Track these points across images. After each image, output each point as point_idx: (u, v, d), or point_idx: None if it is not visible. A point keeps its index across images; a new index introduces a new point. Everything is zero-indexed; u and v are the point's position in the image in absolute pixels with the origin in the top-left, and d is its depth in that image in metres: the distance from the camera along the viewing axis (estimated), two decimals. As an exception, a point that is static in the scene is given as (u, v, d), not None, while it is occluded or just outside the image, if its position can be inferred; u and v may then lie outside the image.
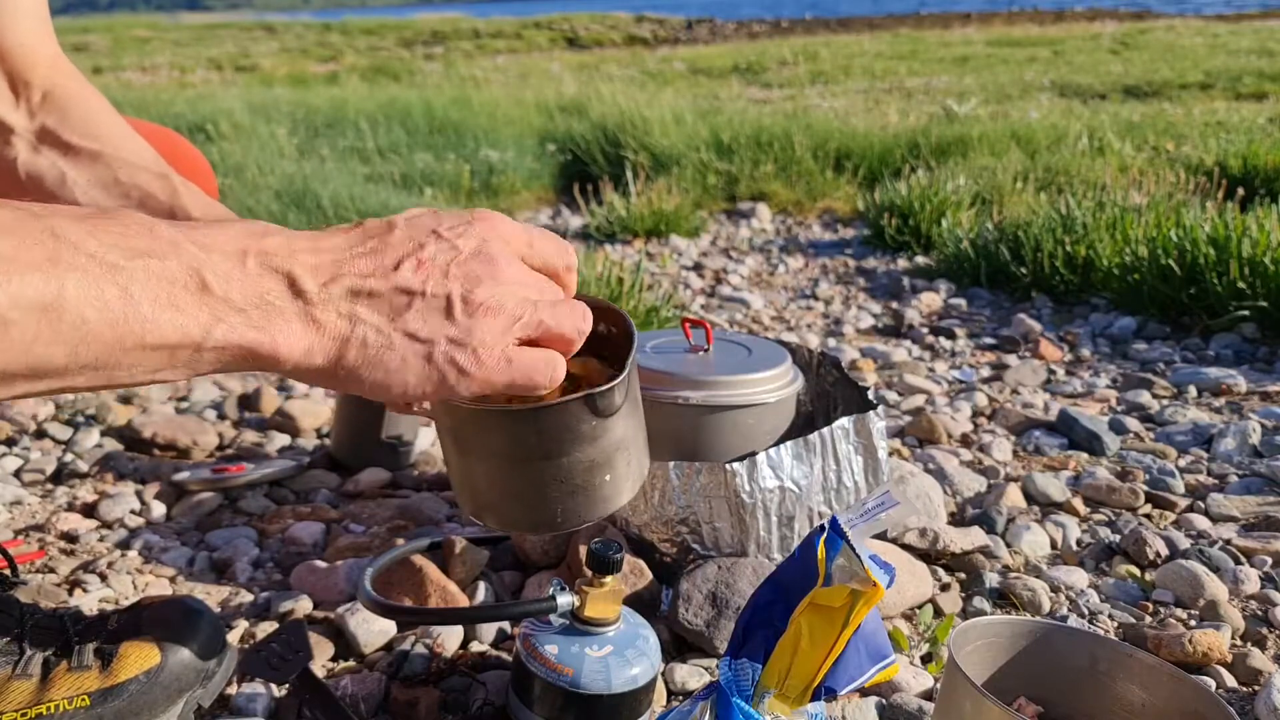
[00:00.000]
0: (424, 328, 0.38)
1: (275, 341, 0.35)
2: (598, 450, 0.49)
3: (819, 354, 0.99)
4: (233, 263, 0.34)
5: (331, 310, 0.36)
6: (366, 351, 0.37)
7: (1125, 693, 0.60)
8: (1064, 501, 1.02)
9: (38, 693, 0.58)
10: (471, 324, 0.39)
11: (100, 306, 0.30)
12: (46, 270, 0.29)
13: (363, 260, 0.37)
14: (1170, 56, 6.96)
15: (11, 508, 1.00)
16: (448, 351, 0.39)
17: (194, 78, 6.96)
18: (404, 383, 0.39)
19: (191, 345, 0.33)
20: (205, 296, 0.33)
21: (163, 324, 0.32)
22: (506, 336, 0.40)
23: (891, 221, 2.36)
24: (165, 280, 0.32)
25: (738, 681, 0.55)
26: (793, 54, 8.31)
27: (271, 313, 0.35)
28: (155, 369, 0.33)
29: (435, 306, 0.38)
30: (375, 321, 0.37)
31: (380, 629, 0.74)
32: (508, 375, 0.40)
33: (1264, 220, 1.64)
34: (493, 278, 0.40)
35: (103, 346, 0.30)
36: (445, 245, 0.39)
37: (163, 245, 0.33)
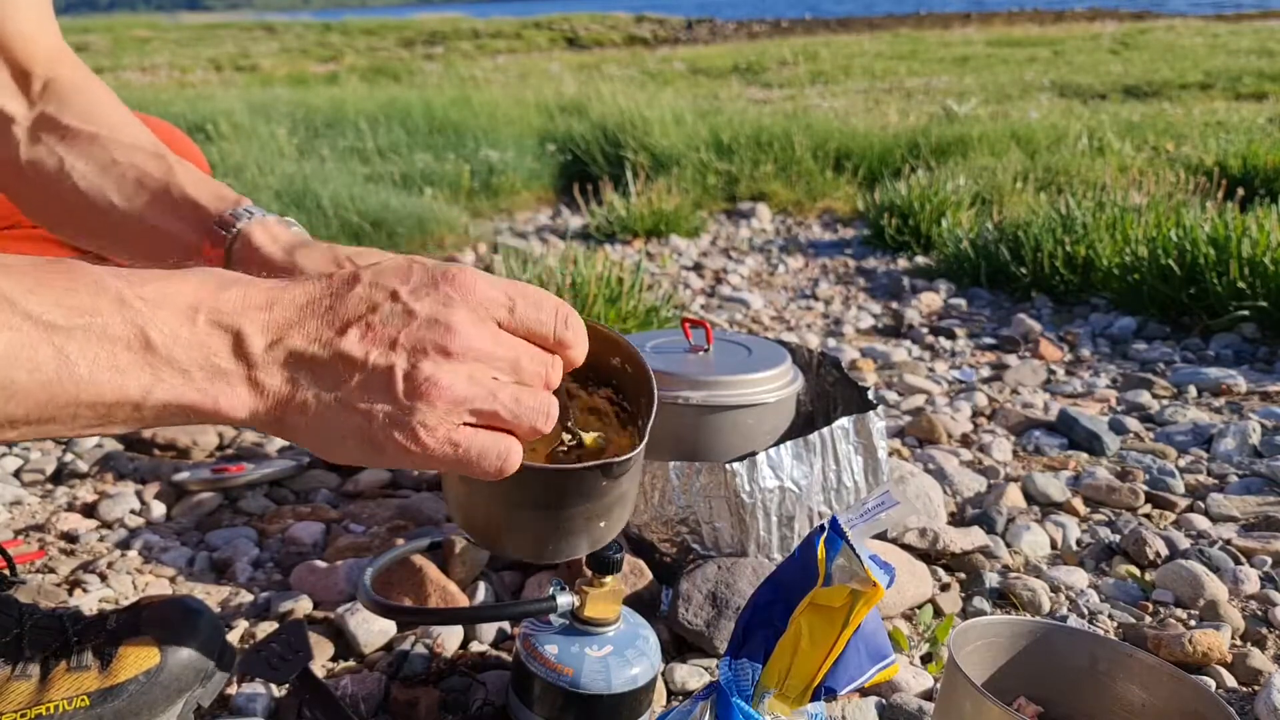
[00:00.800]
0: (361, 401, 0.36)
1: (217, 403, 0.35)
2: (600, 505, 0.49)
3: (819, 354, 0.99)
4: (180, 320, 0.34)
5: (274, 373, 0.36)
6: (305, 415, 0.36)
7: (1125, 693, 0.60)
8: (1064, 501, 1.02)
9: (37, 693, 0.58)
10: (412, 404, 0.36)
11: (31, 368, 0.30)
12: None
13: (313, 322, 0.36)
14: (1170, 56, 6.96)
15: (11, 508, 1.00)
16: (385, 428, 0.37)
17: (194, 78, 6.97)
18: (345, 451, 0.37)
19: (131, 404, 0.33)
20: (148, 355, 0.33)
21: (100, 384, 0.32)
22: (451, 418, 0.37)
23: (891, 221, 2.36)
24: (106, 340, 0.32)
25: (738, 681, 0.55)
26: (793, 54, 8.31)
27: (215, 375, 0.34)
28: (95, 423, 0.33)
29: (375, 379, 0.36)
30: (315, 389, 0.36)
31: (380, 629, 0.74)
32: (452, 457, 0.38)
33: (1264, 220, 1.64)
34: (443, 351, 0.37)
35: (33, 404, 0.31)
36: (399, 310, 0.37)
37: (107, 303, 0.32)
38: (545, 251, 1.85)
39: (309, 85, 6.21)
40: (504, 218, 2.88)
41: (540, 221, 2.85)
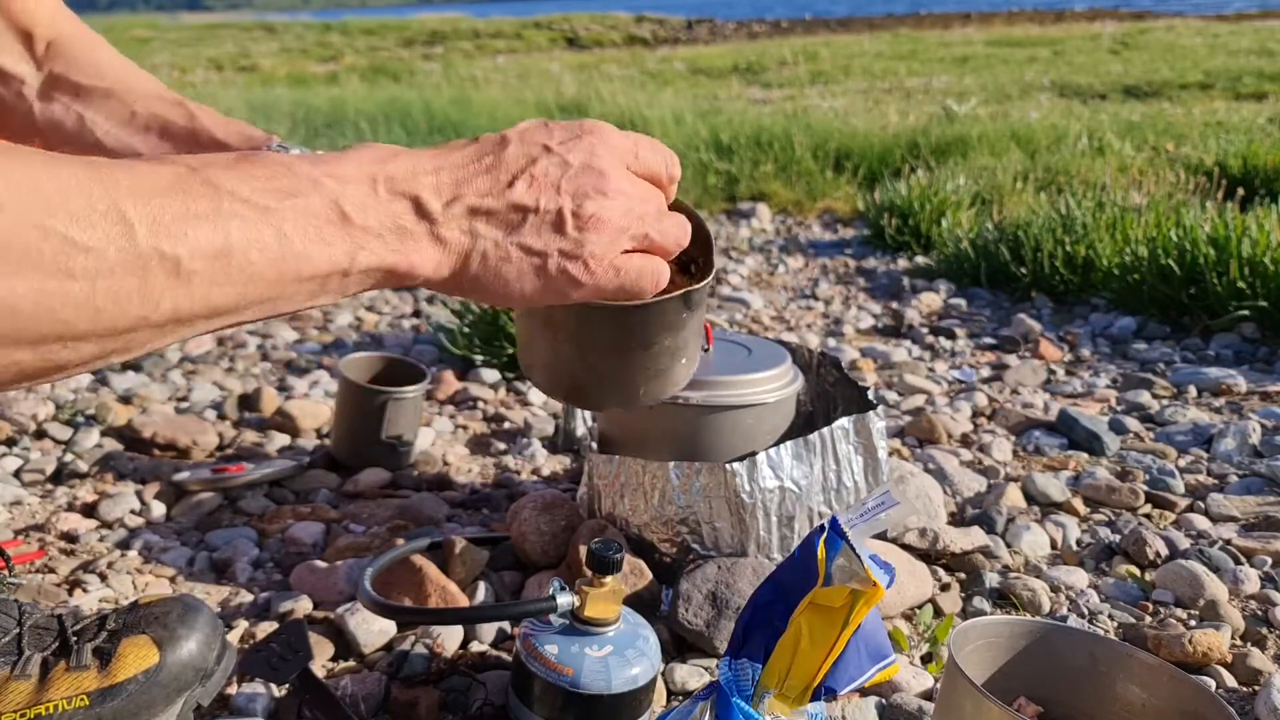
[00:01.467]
0: (538, 241, 0.41)
1: (410, 261, 0.38)
2: (681, 339, 0.55)
3: (819, 354, 0.99)
4: (365, 191, 0.37)
5: (454, 228, 0.39)
6: (486, 264, 0.40)
7: (1125, 693, 0.60)
8: (1064, 501, 1.02)
9: (36, 693, 0.58)
10: (582, 237, 0.41)
11: (262, 248, 0.33)
12: (214, 221, 0.31)
13: (480, 179, 0.40)
14: (1170, 56, 6.96)
15: (11, 508, 1.00)
16: (560, 263, 0.41)
17: (194, 78, 6.96)
18: (520, 290, 0.42)
19: (340, 272, 0.36)
20: (347, 227, 0.36)
21: (315, 257, 0.34)
22: (615, 247, 0.43)
23: (891, 221, 2.35)
24: (311, 216, 0.34)
25: (738, 681, 0.55)
26: (792, 54, 8.31)
27: (404, 235, 0.37)
28: (311, 296, 0.36)
29: (548, 221, 0.41)
30: (493, 236, 0.40)
31: (380, 629, 0.74)
32: (616, 283, 0.43)
33: (1264, 220, 1.64)
34: (601, 191, 0.42)
35: (267, 284, 0.33)
36: (556, 160, 0.41)
37: (304, 184, 0.35)
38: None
39: (309, 85, 6.21)
40: (504, 218, 2.89)
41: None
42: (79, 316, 0.28)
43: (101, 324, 0.29)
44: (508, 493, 1.05)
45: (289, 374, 1.45)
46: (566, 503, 0.87)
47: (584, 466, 0.87)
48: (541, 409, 1.31)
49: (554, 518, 0.85)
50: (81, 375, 0.32)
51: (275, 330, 1.68)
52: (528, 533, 0.84)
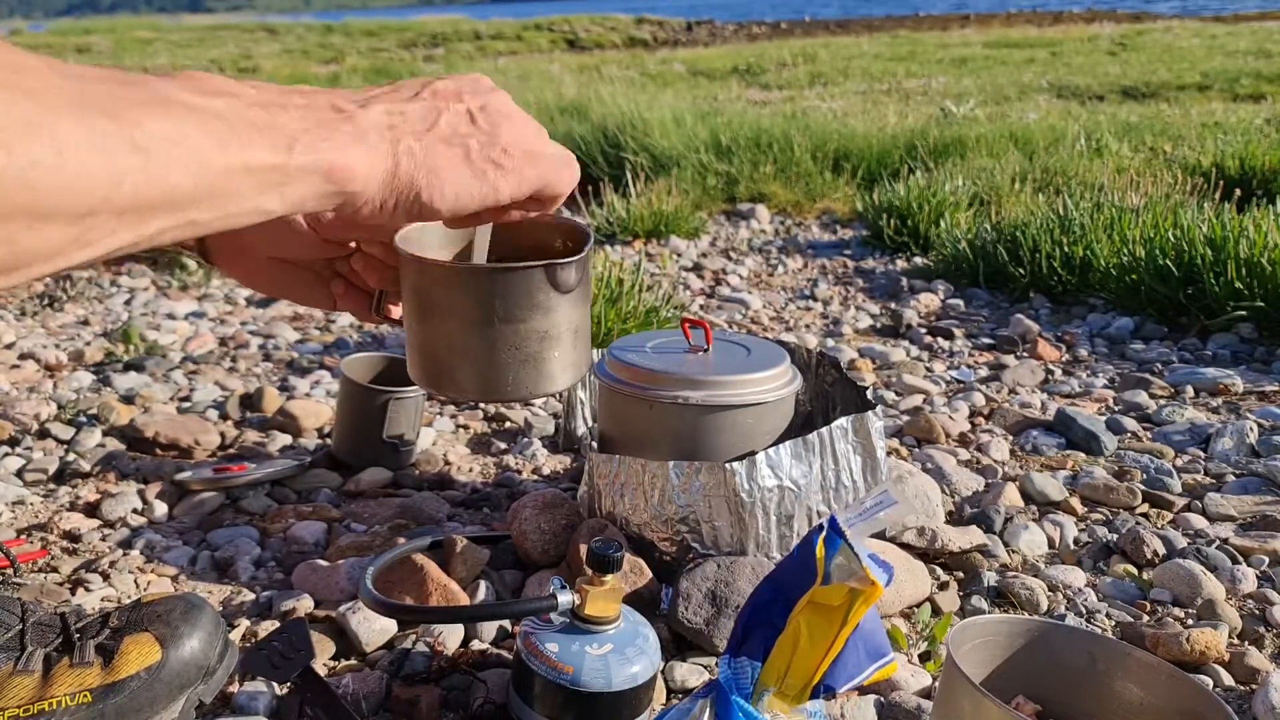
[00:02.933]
0: (454, 135, 0.42)
1: (346, 158, 0.38)
2: (550, 323, 0.54)
3: (818, 354, 0.99)
4: (287, 97, 0.39)
5: (375, 132, 0.40)
6: (416, 160, 0.41)
7: (1123, 691, 0.61)
8: (1062, 501, 1.02)
9: (40, 689, 0.59)
10: (493, 129, 0.44)
11: (210, 134, 0.34)
12: (167, 110, 0.33)
13: (384, 94, 0.42)
14: (1168, 58, 6.97)
15: (14, 507, 1.00)
16: (482, 150, 0.43)
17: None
18: (455, 186, 0.42)
19: (280, 166, 0.36)
20: (280, 118, 0.37)
21: (257, 146, 0.35)
22: (526, 139, 0.45)
23: (890, 222, 2.36)
24: (247, 113, 0.36)
25: (737, 680, 0.56)
26: (792, 56, 8.32)
27: (333, 131, 0.38)
28: (258, 191, 0.36)
29: (459, 116, 0.43)
30: (413, 132, 0.41)
31: (381, 628, 0.75)
32: (536, 169, 0.45)
33: (1261, 221, 1.65)
34: (499, 100, 0.45)
35: (216, 173, 0.34)
36: (448, 81, 0.44)
37: (233, 88, 0.37)
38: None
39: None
40: (504, 219, 2.89)
41: (540, 222, 2.85)
42: (48, 186, 0.29)
43: (66, 201, 0.30)
44: (508, 492, 1.05)
45: (290, 374, 1.46)
46: (567, 502, 0.87)
47: (584, 466, 0.88)
48: (542, 409, 1.31)
49: (554, 517, 0.85)
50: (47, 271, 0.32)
51: (277, 330, 1.68)
52: (528, 532, 0.84)
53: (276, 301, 1.90)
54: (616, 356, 0.86)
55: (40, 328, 1.74)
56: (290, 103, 0.38)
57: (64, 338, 1.68)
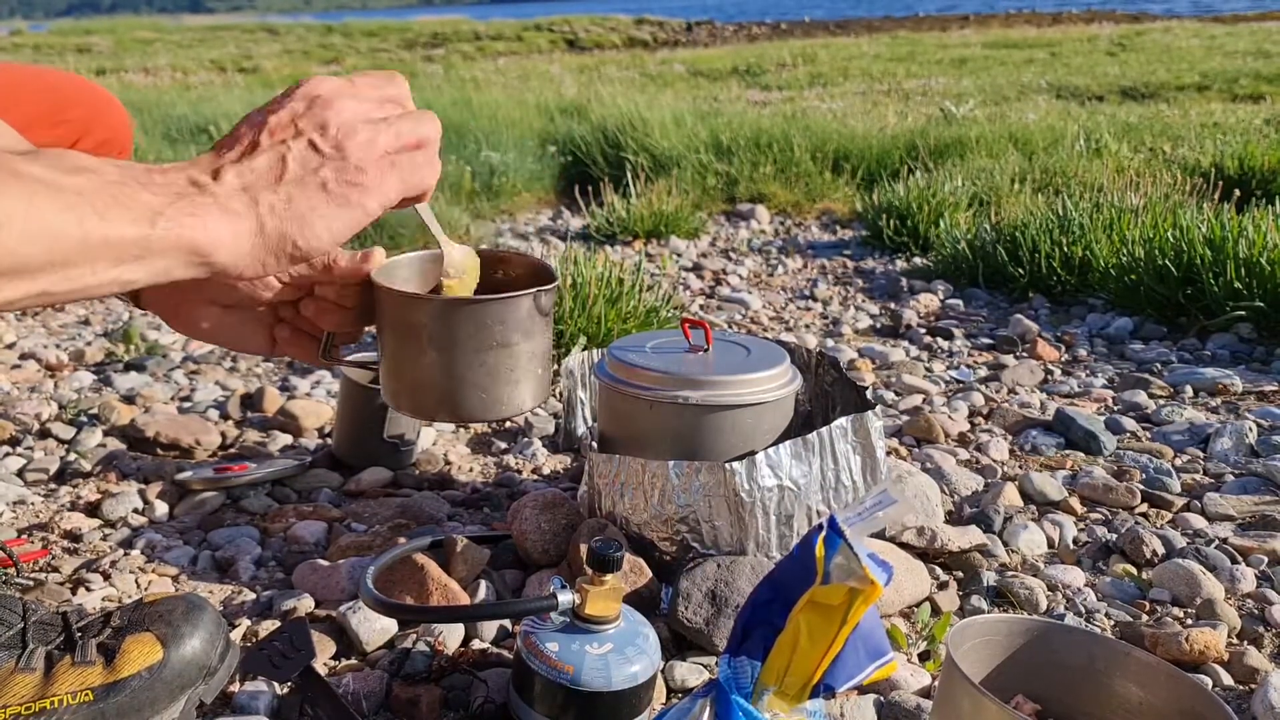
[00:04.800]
0: (307, 173, 0.43)
1: (209, 232, 0.39)
2: (534, 345, 0.60)
3: (817, 354, 1.00)
4: (148, 175, 0.39)
5: (231, 197, 0.41)
6: (278, 216, 0.42)
7: (1123, 691, 0.61)
8: (1061, 500, 1.02)
9: (41, 687, 0.59)
10: (340, 150, 0.44)
11: (67, 209, 0.35)
12: (21, 185, 0.35)
13: (228, 154, 0.43)
14: (1167, 58, 6.97)
15: (15, 507, 1.00)
16: (338, 179, 0.43)
17: (196, 79, 6.97)
18: (325, 223, 0.43)
19: (140, 240, 0.37)
20: (141, 195, 0.38)
21: (117, 220, 0.36)
22: (374, 147, 0.45)
23: (889, 222, 2.36)
24: (107, 189, 0.37)
25: (737, 679, 0.56)
26: (791, 56, 8.32)
27: (197, 205, 0.39)
28: (116, 263, 0.37)
29: (302, 151, 0.43)
30: (267, 186, 0.42)
31: (382, 627, 0.75)
32: (398, 178, 0.45)
33: (1260, 221, 1.65)
34: (336, 113, 0.44)
35: (72, 244, 0.35)
36: (283, 112, 0.44)
37: (94, 165, 0.38)
38: (546, 252, 1.86)
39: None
40: (505, 219, 2.89)
41: (541, 223, 2.85)
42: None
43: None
44: (509, 492, 1.05)
45: (291, 374, 1.46)
46: (567, 501, 0.87)
47: (584, 465, 0.88)
48: (542, 408, 1.32)
49: (554, 516, 0.85)
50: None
51: (276, 331, 1.68)
52: (528, 531, 0.84)
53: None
54: (616, 356, 0.87)
55: (41, 327, 1.74)
56: (150, 180, 0.39)
57: (65, 338, 1.68)
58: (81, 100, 0.87)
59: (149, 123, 3.65)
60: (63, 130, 0.84)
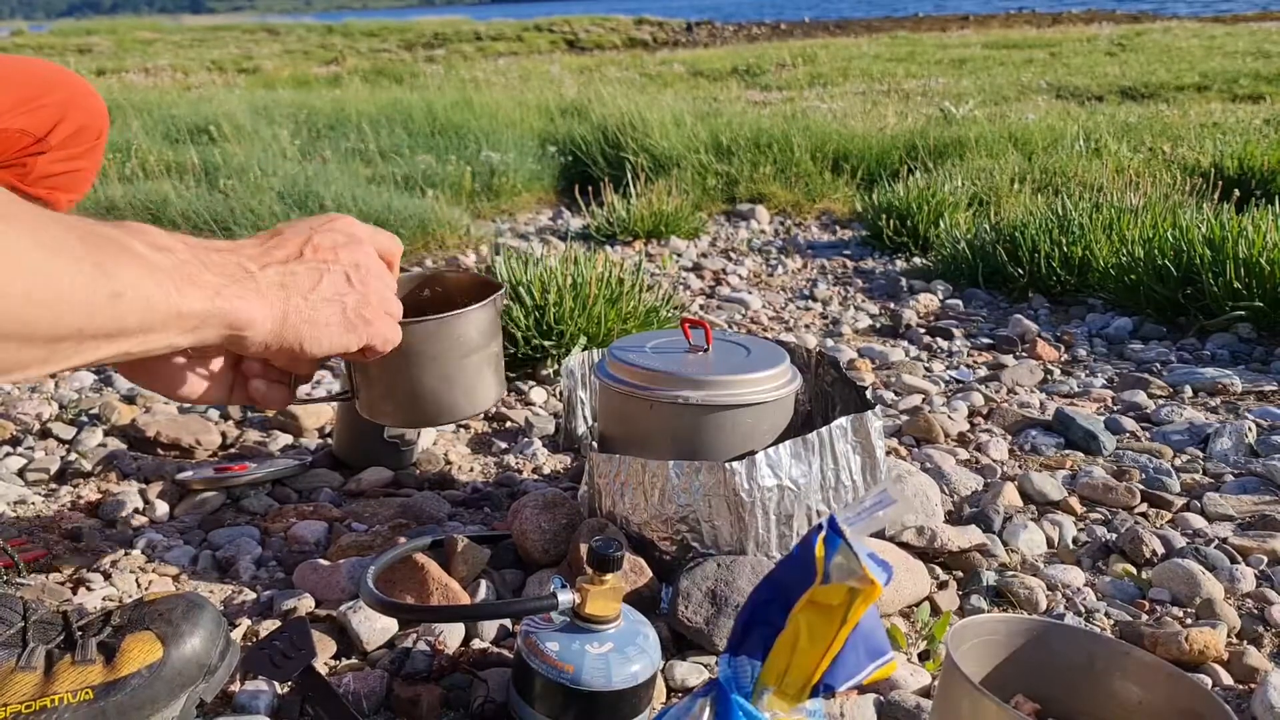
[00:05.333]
0: (333, 292, 0.52)
1: (250, 310, 0.46)
2: (498, 344, 0.73)
3: (817, 354, 1.00)
4: (209, 253, 0.46)
5: (270, 285, 0.49)
6: (301, 314, 0.50)
7: (1122, 690, 0.61)
8: (1060, 500, 1.02)
9: (41, 685, 0.59)
10: (364, 290, 0.54)
11: (158, 284, 0.42)
12: (132, 261, 0.41)
13: (276, 251, 0.51)
14: (1167, 58, 6.97)
15: (16, 506, 1.00)
16: (354, 308, 0.53)
17: (196, 79, 6.97)
18: (330, 337, 0.52)
19: (204, 313, 0.44)
20: (204, 275, 0.45)
21: (191, 296, 0.43)
22: (384, 300, 0.56)
23: (889, 223, 2.36)
24: (184, 266, 0.44)
25: (737, 678, 0.56)
26: (791, 56, 8.32)
27: (245, 289, 0.47)
28: (181, 333, 0.44)
29: (337, 278, 0.52)
30: (301, 291, 0.50)
31: (382, 627, 0.75)
32: (383, 329, 0.56)
33: (1260, 221, 1.65)
34: (366, 257, 0.55)
35: (158, 316, 0.41)
36: (326, 235, 0.53)
37: (168, 242, 0.44)
38: (546, 252, 1.86)
39: (311, 87, 6.21)
40: (505, 219, 2.89)
41: (541, 223, 2.85)
42: (39, 318, 0.36)
43: (48, 329, 0.36)
44: (509, 491, 1.06)
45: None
46: (567, 501, 0.87)
47: (585, 465, 0.88)
48: (542, 409, 1.32)
49: (555, 516, 0.85)
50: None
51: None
52: (529, 531, 0.84)
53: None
54: (616, 356, 0.87)
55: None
56: (210, 260, 0.46)
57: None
58: (59, 85, 0.90)
59: (149, 123, 3.66)
60: (43, 114, 0.87)
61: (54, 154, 0.89)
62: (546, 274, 1.46)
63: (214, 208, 2.21)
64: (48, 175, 0.90)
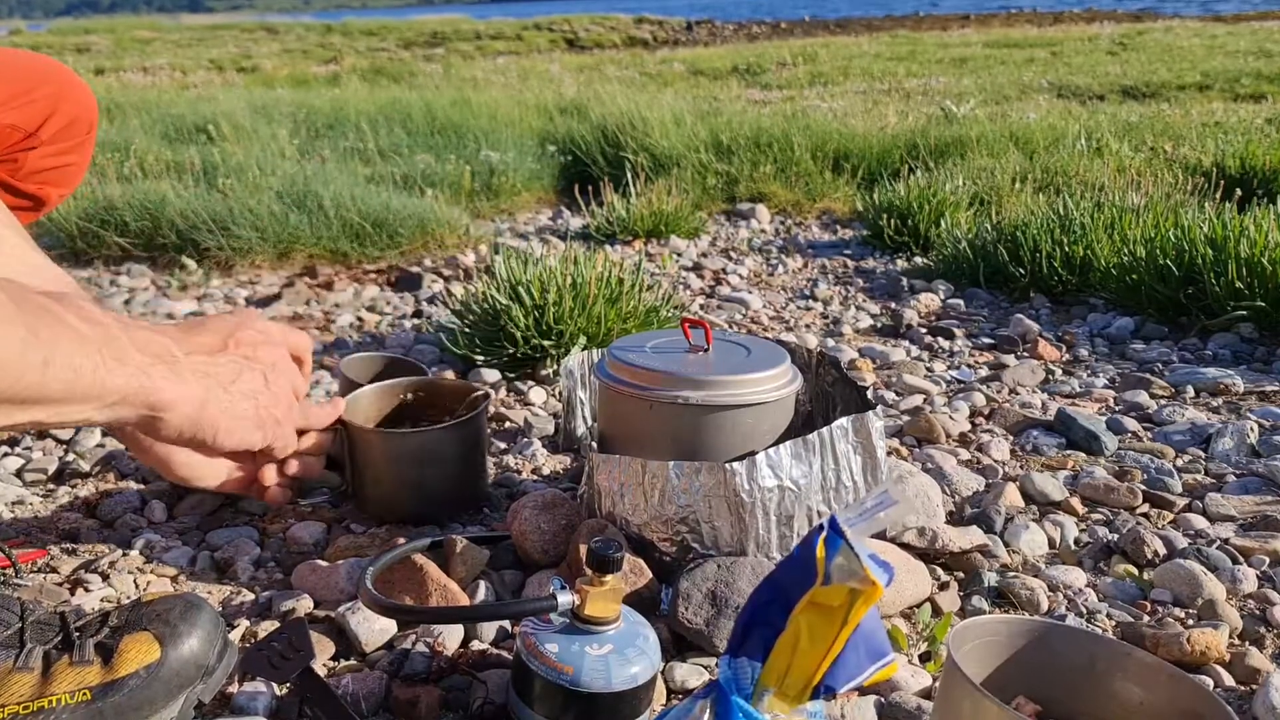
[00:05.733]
0: (250, 389, 0.57)
1: (173, 392, 0.50)
2: (482, 450, 0.92)
3: (818, 354, 0.99)
4: (138, 331, 0.49)
5: (194, 379, 0.53)
6: (219, 404, 0.54)
7: (1124, 692, 0.61)
8: (1062, 501, 1.02)
9: (39, 686, 0.59)
10: (277, 389, 0.59)
11: (87, 358, 0.44)
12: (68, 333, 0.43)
13: (201, 339, 0.56)
14: (1168, 58, 6.97)
15: (13, 507, 1.00)
16: (267, 409, 0.59)
17: (195, 78, 6.97)
18: (240, 433, 0.56)
19: (127, 389, 0.46)
20: (135, 353, 0.47)
21: (117, 371, 0.46)
22: (290, 399, 0.61)
23: (890, 222, 2.36)
24: (114, 341, 0.46)
25: (737, 680, 0.56)
26: (791, 55, 8.32)
27: (169, 367, 0.50)
28: (96, 409, 0.46)
29: (255, 376, 0.58)
30: (221, 384, 0.55)
31: (381, 628, 0.75)
32: (289, 428, 0.62)
33: (1262, 221, 1.65)
34: (282, 360, 0.61)
35: (85, 385, 0.43)
36: (247, 334, 0.59)
37: (102, 317, 0.47)
38: (546, 252, 1.85)
39: (310, 86, 6.21)
40: (505, 218, 2.89)
41: (541, 222, 2.85)
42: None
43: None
44: (508, 492, 1.05)
45: (289, 374, 1.45)
46: (567, 502, 0.87)
47: (584, 466, 0.87)
48: (542, 409, 1.31)
49: (554, 517, 0.85)
50: None
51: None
52: (528, 532, 0.84)
53: (275, 302, 1.90)
54: (616, 356, 0.86)
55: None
56: (138, 339, 0.48)
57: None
58: (50, 79, 0.90)
59: (148, 122, 3.65)
60: (34, 108, 0.87)
61: (45, 149, 0.89)
62: (546, 274, 1.45)
63: (212, 207, 2.21)
64: (39, 170, 0.90)
